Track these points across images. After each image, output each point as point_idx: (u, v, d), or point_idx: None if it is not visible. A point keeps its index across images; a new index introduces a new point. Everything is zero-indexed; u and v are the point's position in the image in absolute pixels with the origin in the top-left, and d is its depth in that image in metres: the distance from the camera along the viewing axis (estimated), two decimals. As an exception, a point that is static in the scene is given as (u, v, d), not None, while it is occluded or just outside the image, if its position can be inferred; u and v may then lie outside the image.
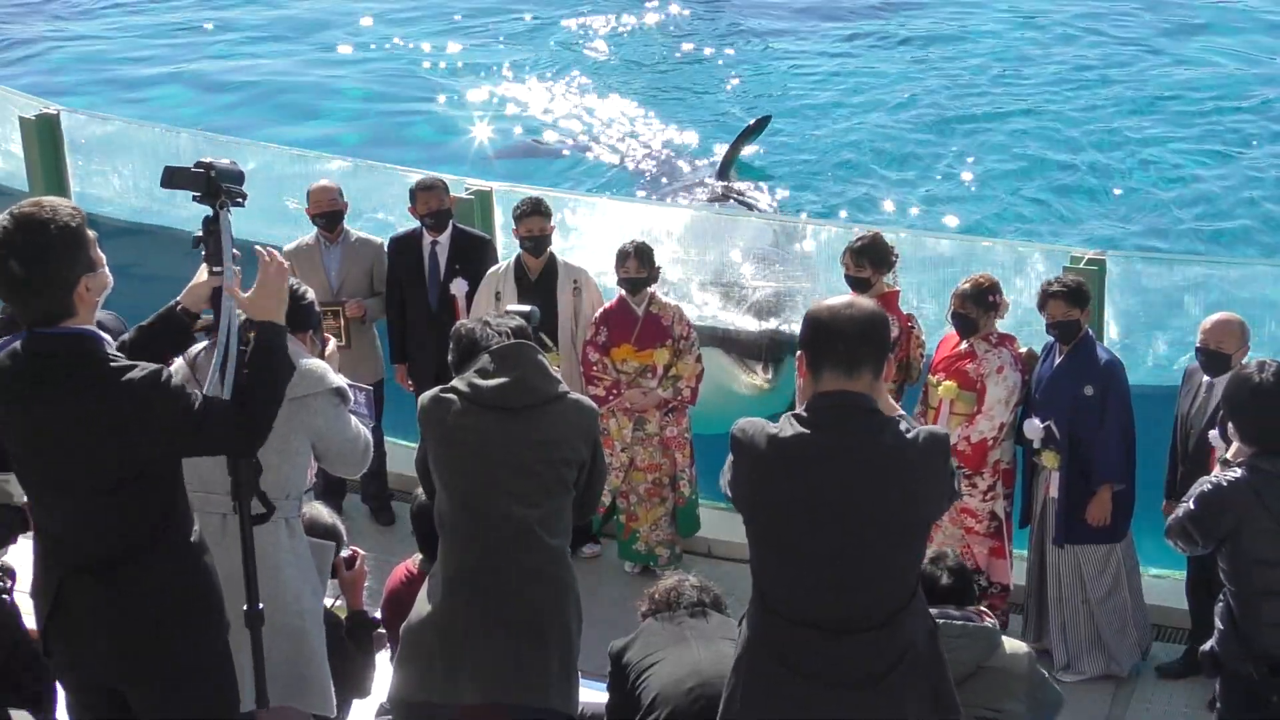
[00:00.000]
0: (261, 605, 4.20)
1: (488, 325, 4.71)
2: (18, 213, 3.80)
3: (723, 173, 13.96)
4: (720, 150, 14.69)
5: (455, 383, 4.64)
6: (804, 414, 3.86)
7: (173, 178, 4.07)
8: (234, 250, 4.14)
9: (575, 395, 4.74)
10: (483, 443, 4.56)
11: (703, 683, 4.53)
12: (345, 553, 5.21)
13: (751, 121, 15.06)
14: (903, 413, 3.97)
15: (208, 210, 4.10)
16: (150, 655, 3.97)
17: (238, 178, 4.12)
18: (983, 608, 4.88)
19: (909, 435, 3.80)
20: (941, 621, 4.20)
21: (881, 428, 3.81)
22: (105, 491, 3.89)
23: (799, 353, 4.03)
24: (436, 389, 4.69)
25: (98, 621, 3.95)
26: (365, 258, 8.31)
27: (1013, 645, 4.76)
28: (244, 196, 4.14)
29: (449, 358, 4.77)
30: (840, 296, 4.03)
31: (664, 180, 14.50)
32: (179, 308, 4.27)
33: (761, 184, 14.24)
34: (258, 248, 4.12)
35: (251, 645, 4.19)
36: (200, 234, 4.13)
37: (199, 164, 4.05)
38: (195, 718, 4.08)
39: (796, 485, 3.80)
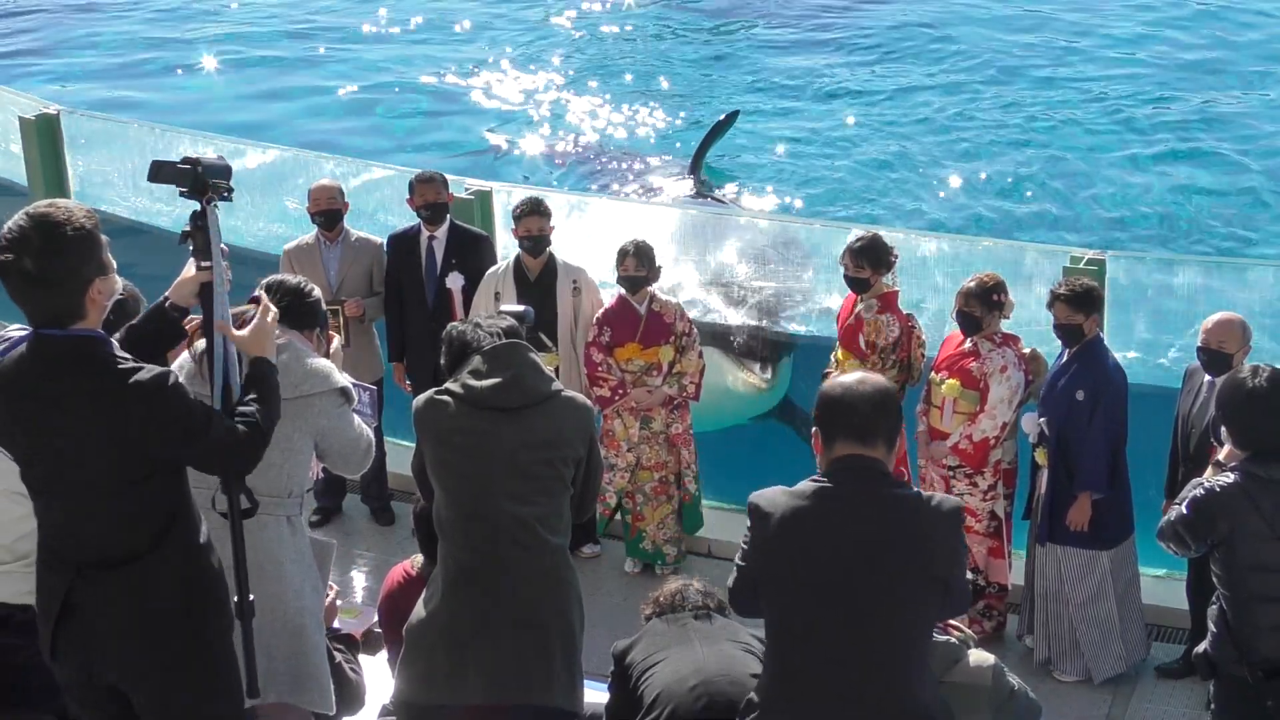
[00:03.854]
0: (253, 597, 4.20)
1: (479, 327, 4.71)
2: (34, 212, 3.82)
3: (694, 169, 13.97)
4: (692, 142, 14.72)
5: (449, 384, 4.62)
6: (821, 477, 3.95)
7: (159, 172, 4.05)
8: (222, 245, 4.14)
9: (569, 393, 4.73)
10: (479, 444, 4.55)
11: (706, 680, 4.53)
12: None
13: (721, 116, 15.02)
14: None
15: (195, 205, 4.09)
16: (158, 654, 3.99)
17: (225, 172, 4.11)
18: (952, 621, 4.82)
19: (925, 496, 3.95)
20: None
21: (897, 486, 3.95)
22: (113, 493, 3.90)
23: (814, 429, 4.09)
24: (431, 391, 4.68)
25: (108, 621, 3.96)
26: (365, 257, 8.31)
27: (978, 658, 4.71)
28: (231, 191, 4.13)
29: (441, 360, 4.77)
30: (852, 374, 4.12)
31: (636, 177, 14.49)
32: (168, 304, 4.28)
33: (725, 190, 14.25)
34: (260, 294, 4.25)
35: (243, 636, 4.18)
36: (188, 229, 4.12)
37: (186, 160, 4.04)
38: (200, 717, 4.08)
39: (816, 541, 3.90)
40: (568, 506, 4.68)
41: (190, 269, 4.19)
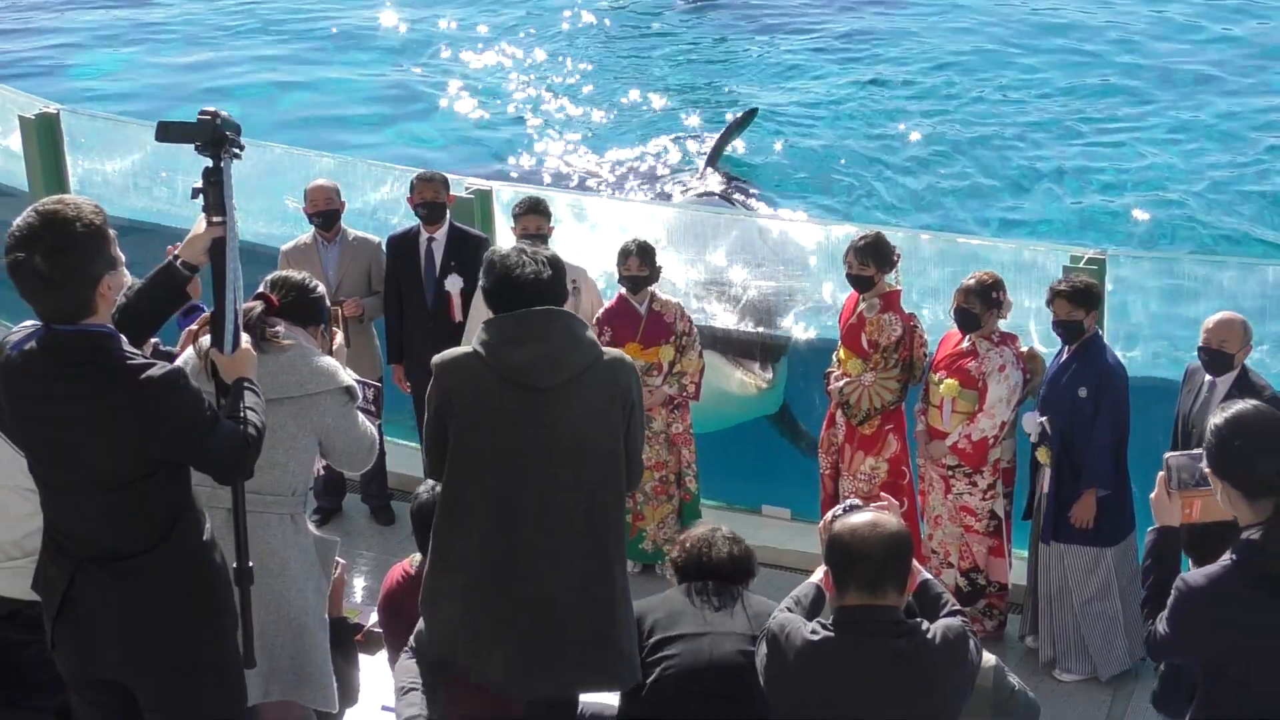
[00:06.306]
0: (253, 564, 4.20)
1: (523, 254, 4.35)
2: (43, 210, 3.81)
3: (709, 166, 13.95)
4: (709, 140, 14.71)
5: (476, 345, 4.29)
6: (830, 629, 3.93)
7: (167, 131, 4.03)
8: (233, 202, 4.12)
9: (610, 355, 4.37)
10: (507, 424, 4.24)
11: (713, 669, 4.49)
12: None
13: (739, 114, 14.98)
14: (920, 621, 4.00)
15: (207, 162, 4.08)
16: (159, 651, 3.99)
17: (236, 128, 4.10)
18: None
19: (929, 640, 3.90)
20: None
21: (905, 635, 3.89)
22: (118, 488, 3.90)
23: (824, 569, 4.04)
24: (454, 350, 4.38)
25: (108, 616, 3.96)
26: (363, 257, 8.30)
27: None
28: (241, 148, 4.13)
29: (480, 284, 4.46)
30: (862, 515, 4.00)
31: (651, 175, 14.49)
32: (178, 261, 4.26)
33: (750, 183, 14.23)
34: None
35: (240, 603, 4.15)
36: (199, 185, 4.11)
37: (204, 111, 4.03)
38: (203, 714, 4.08)
39: (823, 699, 3.91)
40: (608, 491, 4.33)
41: (200, 225, 4.17)
